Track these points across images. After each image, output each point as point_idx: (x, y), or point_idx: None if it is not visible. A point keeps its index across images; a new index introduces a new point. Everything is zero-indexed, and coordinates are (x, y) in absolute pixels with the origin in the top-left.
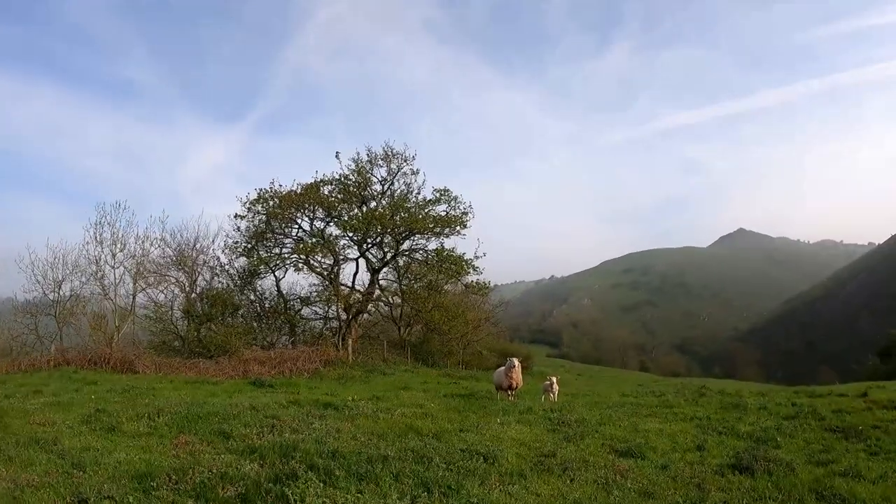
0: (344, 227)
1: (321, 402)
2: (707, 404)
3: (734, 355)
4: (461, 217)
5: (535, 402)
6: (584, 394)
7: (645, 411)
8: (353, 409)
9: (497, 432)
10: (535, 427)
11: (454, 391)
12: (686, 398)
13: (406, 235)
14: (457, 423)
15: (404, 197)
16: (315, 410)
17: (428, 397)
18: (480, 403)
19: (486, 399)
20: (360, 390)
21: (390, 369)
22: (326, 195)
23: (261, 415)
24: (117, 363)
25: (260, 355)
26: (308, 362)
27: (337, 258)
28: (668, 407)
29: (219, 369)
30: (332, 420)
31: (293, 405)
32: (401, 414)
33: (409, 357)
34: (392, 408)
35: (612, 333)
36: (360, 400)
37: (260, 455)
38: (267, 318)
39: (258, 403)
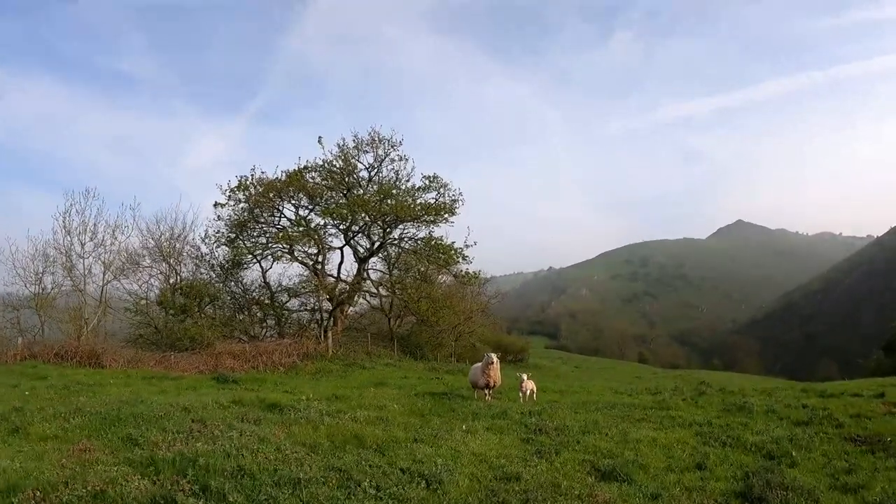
0: (326, 213)
1: (267, 403)
2: (708, 405)
3: (733, 347)
4: (450, 204)
5: (517, 402)
6: (574, 390)
7: (638, 414)
8: (300, 411)
9: (457, 444)
10: (506, 435)
11: (430, 389)
12: (685, 397)
13: (393, 223)
14: (413, 431)
15: (392, 184)
16: (254, 413)
17: (397, 396)
18: (451, 405)
19: (460, 399)
20: (327, 387)
21: (371, 363)
22: (311, 183)
23: (189, 417)
24: (84, 357)
25: (234, 349)
26: (285, 356)
27: (322, 247)
28: (664, 409)
29: (189, 363)
30: (267, 425)
31: (235, 405)
32: (351, 418)
33: (395, 350)
34: (346, 410)
35: (611, 324)
36: (315, 400)
37: (156, 469)
38: (249, 310)
39: (196, 403)
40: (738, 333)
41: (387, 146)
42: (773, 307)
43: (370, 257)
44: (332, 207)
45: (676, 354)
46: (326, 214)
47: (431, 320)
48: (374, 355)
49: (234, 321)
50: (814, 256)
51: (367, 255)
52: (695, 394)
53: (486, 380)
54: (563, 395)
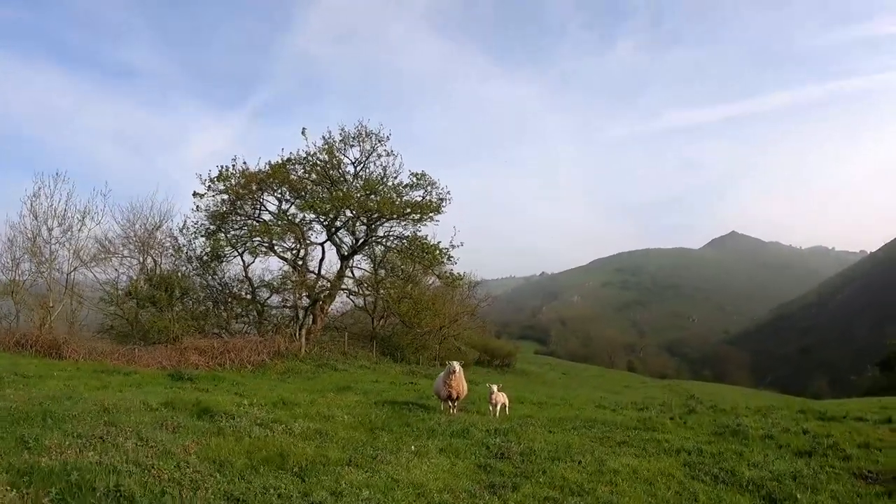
0: (306, 207)
1: (202, 407)
2: (698, 426)
3: (724, 359)
4: (437, 203)
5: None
6: (555, 402)
7: (619, 435)
8: (233, 419)
9: (398, 469)
10: (461, 460)
11: (397, 396)
12: (673, 415)
13: (377, 220)
14: (352, 450)
15: (379, 180)
16: (179, 418)
17: (354, 404)
18: (410, 417)
19: (423, 411)
20: (285, 390)
21: (345, 364)
22: (295, 176)
23: (104, 420)
24: (44, 346)
25: (201, 344)
26: (254, 354)
27: (303, 242)
28: (649, 429)
29: (152, 358)
30: (185, 435)
31: (165, 408)
32: (286, 430)
33: (374, 351)
34: (286, 420)
35: (601, 332)
36: (258, 406)
37: (30, 480)
38: (226, 305)
39: (123, 403)
40: (730, 344)
41: (374, 141)
42: (766, 320)
43: (353, 255)
44: (313, 201)
45: (666, 364)
46: (306, 208)
47: (413, 321)
48: (350, 356)
49: (209, 316)
50: (807, 270)
51: (350, 253)
52: (684, 411)
53: (447, 391)
54: (541, 409)
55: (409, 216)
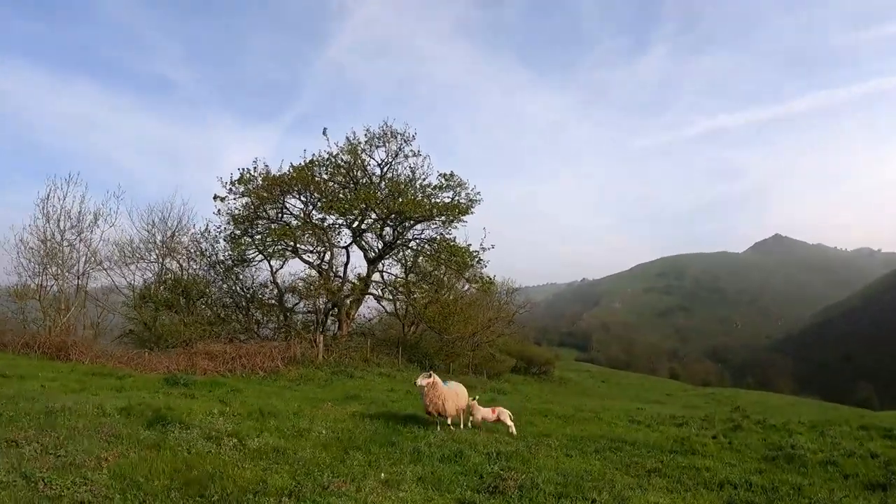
0: (327, 208)
1: (158, 415)
2: (745, 448)
3: (767, 365)
4: (466, 205)
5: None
6: (583, 416)
7: (651, 460)
8: (187, 429)
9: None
10: (441, 494)
11: (402, 408)
12: (716, 433)
13: (401, 221)
14: (305, 475)
15: (407, 182)
16: (125, 426)
17: (347, 415)
18: (397, 435)
19: (420, 426)
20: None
21: (363, 371)
22: (321, 178)
23: (38, 422)
24: (52, 349)
25: (213, 349)
26: (268, 359)
27: (329, 245)
28: (688, 451)
29: (160, 362)
30: (116, 444)
31: (119, 413)
32: (236, 447)
33: (399, 358)
34: (250, 433)
35: (643, 338)
36: (229, 416)
37: None
38: (248, 310)
39: (78, 408)
40: (773, 350)
41: (399, 141)
42: (809, 324)
43: (381, 259)
44: (332, 202)
45: (708, 371)
46: (327, 209)
47: (441, 327)
48: (372, 363)
49: (229, 320)
50: (852, 273)
51: (376, 257)
52: (728, 427)
53: (427, 405)
54: (565, 424)
55: (437, 218)
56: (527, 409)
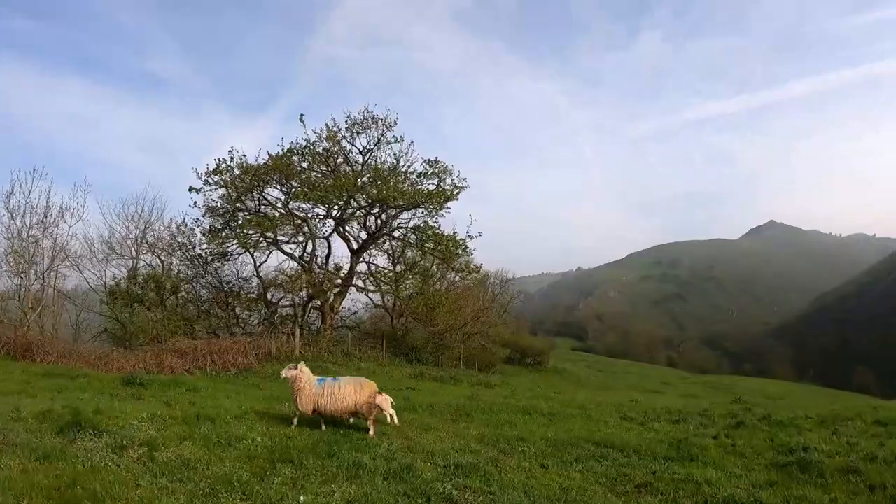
0: (300, 196)
1: (77, 419)
2: (751, 451)
3: (765, 352)
4: (452, 191)
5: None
6: (570, 412)
7: (641, 471)
8: (100, 436)
9: None
10: None
11: None
12: (717, 433)
13: (384, 210)
14: (207, 496)
15: (391, 169)
16: (29, 431)
17: (261, 424)
18: (342, 444)
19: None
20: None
21: (338, 367)
22: (300, 167)
23: None
24: (16, 348)
25: (183, 346)
26: (240, 356)
27: (311, 236)
28: (685, 458)
29: (127, 361)
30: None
31: (35, 418)
32: (141, 459)
33: (384, 351)
34: (170, 442)
35: (639, 327)
36: (161, 420)
37: None
38: (227, 305)
39: None
40: (771, 337)
41: (381, 127)
42: (806, 311)
43: (365, 249)
44: (305, 189)
45: (706, 359)
46: (303, 197)
47: (426, 318)
48: (354, 357)
49: (209, 316)
50: (847, 258)
51: (360, 247)
52: (730, 424)
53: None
54: (549, 423)
55: (421, 205)
56: (509, 405)
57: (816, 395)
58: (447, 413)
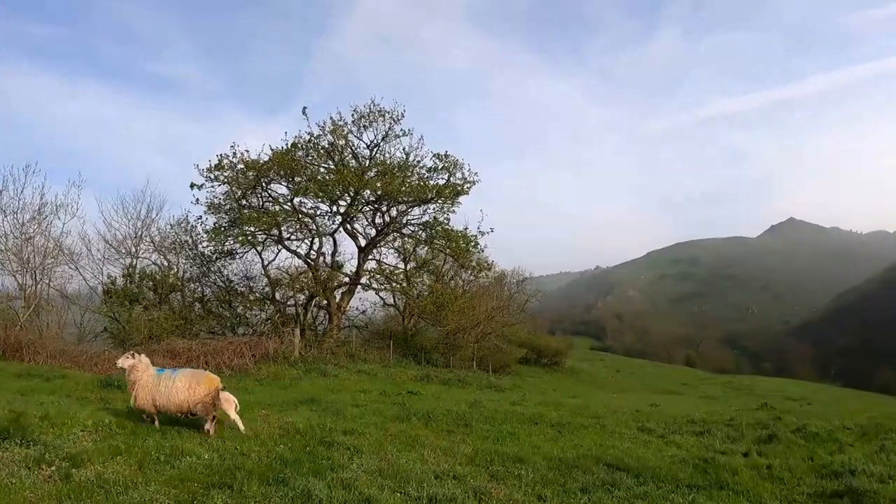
0: (304, 191)
1: (23, 424)
2: (789, 474)
3: (785, 351)
4: (462, 186)
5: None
6: (582, 421)
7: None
8: (24, 445)
9: None
10: None
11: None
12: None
13: (392, 206)
14: None
15: (400, 165)
16: None
17: (270, 429)
18: (307, 462)
19: (349, 450)
20: None
21: (339, 369)
22: (305, 162)
23: None
24: (7, 348)
25: (178, 346)
26: (236, 357)
27: (317, 233)
28: (713, 484)
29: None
30: None
31: None
32: (51, 477)
33: (391, 353)
34: (96, 456)
35: (658, 326)
36: (101, 429)
37: None
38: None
39: None
40: (791, 336)
41: (388, 120)
42: (827, 309)
43: (374, 246)
44: (310, 185)
45: (725, 358)
46: (303, 192)
47: (435, 317)
48: (359, 358)
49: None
50: (868, 256)
51: (368, 244)
52: (761, 437)
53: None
54: (557, 436)
55: (431, 201)
56: (514, 413)
57: (841, 396)
58: (444, 422)
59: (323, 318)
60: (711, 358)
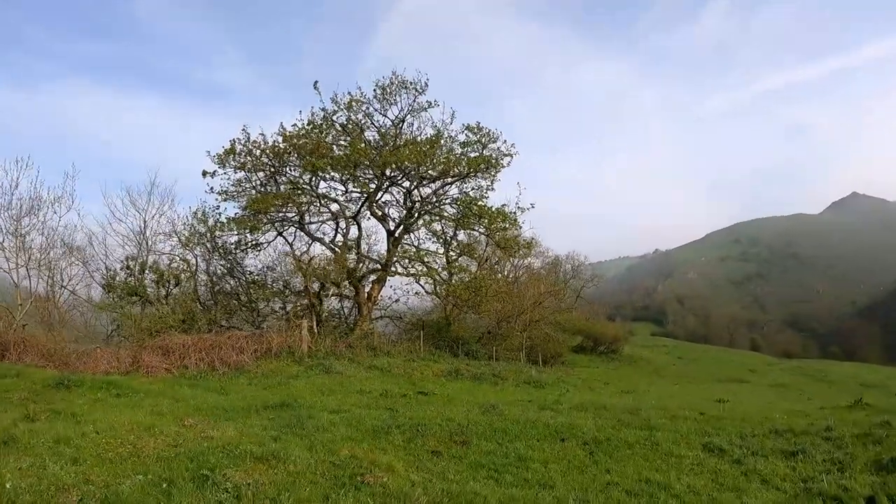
0: (307, 167)
1: None
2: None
3: (853, 333)
4: (496, 158)
5: None
6: (627, 437)
7: None
8: None
9: None
10: None
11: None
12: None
13: (421, 182)
14: None
15: (431, 140)
16: None
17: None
18: None
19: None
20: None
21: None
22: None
23: None
24: None
25: (172, 342)
26: (234, 352)
27: (344, 217)
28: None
29: (103, 360)
30: None
31: None
32: None
33: (421, 344)
34: None
35: (719, 309)
36: None
37: None
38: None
39: None
40: (858, 317)
41: (412, 91)
42: (895, 287)
43: (405, 231)
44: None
45: (791, 341)
46: (307, 169)
47: (473, 302)
48: (380, 352)
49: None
50: None
51: (402, 226)
52: (878, 462)
53: None
54: (591, 460)
55: (465, 177)
56: (539, 424)
57: None
58: (434, 439)
59: (351, 308)
60: (776, 341)
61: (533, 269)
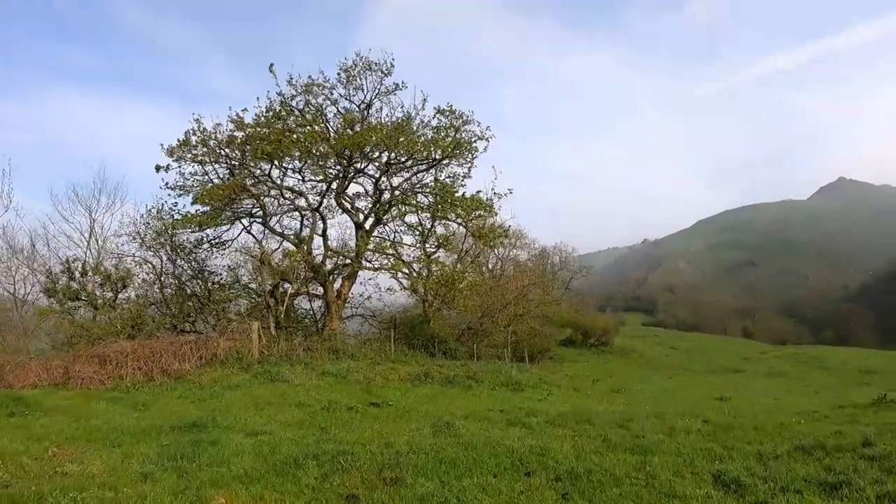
0: (258, 155)
1: None
2: None
3: (846, 318)
4: (469, 141)
5: None
6: (610, 464)
7: None
8: None
9: None
10: None
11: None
12: None
13: (390, 171)
14: None
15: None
16: None
17: None
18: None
19: None
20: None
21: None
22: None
23: None
24: None
25: (109, 351)
26: (175, 360)
27: (310, 210)
28: None
29: (31, 370)
30: None
31: None
32: None
33: (392, 345)
34: None
35: (711, 297)
36: None
37: None
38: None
39: None
40: (850, 301)
41: (376, 72)
42: (885, 271)
43: (375, 223)
44: (262, 146)
45: (784, 328)
46: (257, 157)
47: (448, 297)
48: (344, 354)
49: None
50: None
51: (371, 218)
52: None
53: None
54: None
55: (434, 163)
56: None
57: None
58: (360, 475)
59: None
60: (769, 328)
61: (519, 262)
